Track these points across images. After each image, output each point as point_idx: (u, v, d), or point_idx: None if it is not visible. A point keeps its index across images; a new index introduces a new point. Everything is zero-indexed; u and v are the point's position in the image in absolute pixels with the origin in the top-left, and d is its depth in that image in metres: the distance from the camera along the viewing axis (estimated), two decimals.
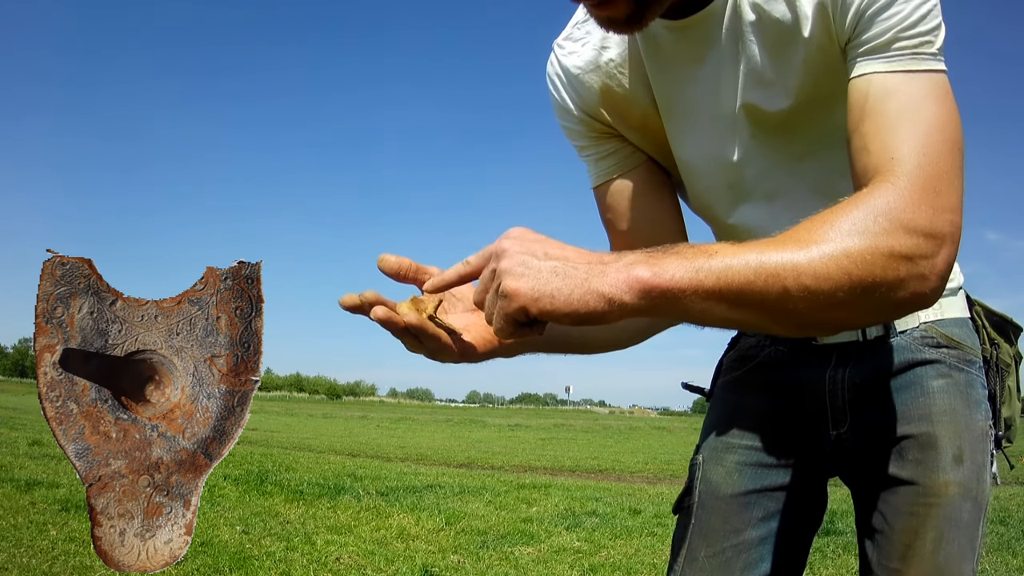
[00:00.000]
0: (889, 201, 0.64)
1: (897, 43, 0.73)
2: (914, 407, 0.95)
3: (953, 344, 0.97)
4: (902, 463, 0.95)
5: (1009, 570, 4.16)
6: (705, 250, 0.63)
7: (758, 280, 0.61)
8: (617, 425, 36.00)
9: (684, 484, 1.09)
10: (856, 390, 0.98)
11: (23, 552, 3.35)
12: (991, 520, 5.52)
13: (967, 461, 0.93)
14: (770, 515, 1.03)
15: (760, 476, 1.03)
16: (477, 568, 3.91)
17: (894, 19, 0.73)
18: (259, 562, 3.59)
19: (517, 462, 11.75)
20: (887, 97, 0.72)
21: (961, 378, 0.96)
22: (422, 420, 34.02)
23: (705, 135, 0.89)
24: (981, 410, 0.97)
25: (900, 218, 0.64)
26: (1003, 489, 8.21)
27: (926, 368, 0.96)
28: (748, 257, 0.62)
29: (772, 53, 0.82)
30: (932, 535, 0.92)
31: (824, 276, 0.62)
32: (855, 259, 0.62)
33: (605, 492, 7.29)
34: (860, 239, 0.62)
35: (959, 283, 1.00)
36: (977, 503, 0.93)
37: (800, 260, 0.62)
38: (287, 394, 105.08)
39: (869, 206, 0.64)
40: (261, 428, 18.01)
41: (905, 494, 0.94)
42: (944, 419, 0.94)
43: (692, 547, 1.04)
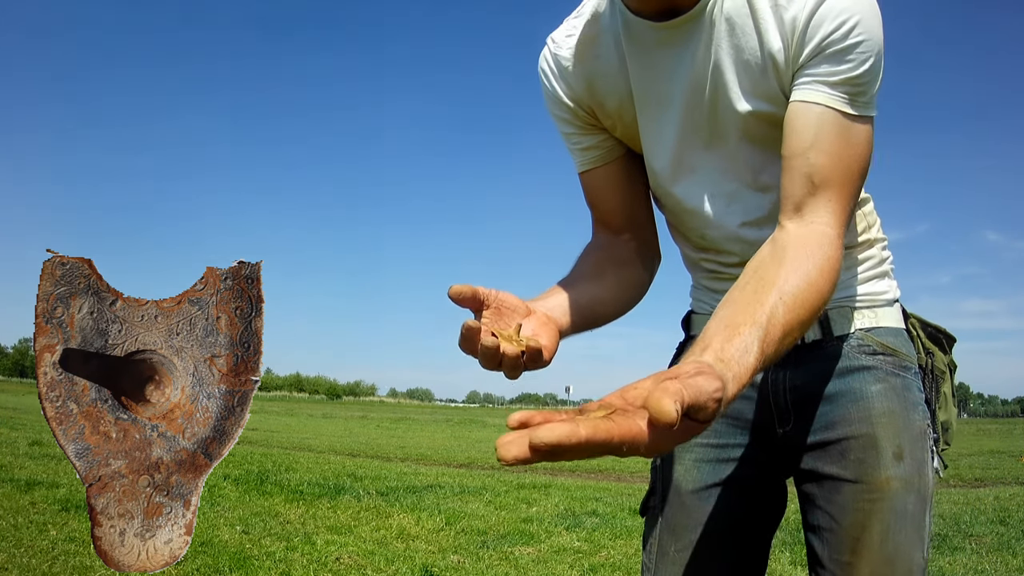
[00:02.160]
0: (831, 245, 0.84)
1: (844, 86, 0.86)
2: (854, 410, 1.02)
3: (889, 351, 1.04)
4: (845, 463, 1.02)
5: (1009, 570, 4.15)
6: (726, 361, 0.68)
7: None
8: None
9: (648, 486, 1.16)
10: (796, 391, 1.05)
11: (23, 552, 3.35)
12: (991, 520, 5.53)
13: (907, 457, 1.00)
14: (730, 507, 1.09)
15: (717, 471, 1.10)
16: (477, 568, 3.91)
17: (845, 64, 0.85)
18: (259, 562, 3.59)
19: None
20: (829, 131, 0.86)
21: (898, 383, 1.03)
22: (422, 420, 34.03)
23: (672, 125, 0.99)
24: (919, 411, 1.04)
25: (839, 256, 0.84)
26: (1003, 489, 8.21)
27: (864, 374, 1.03)
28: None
29: (737, 62, 0.92)
30: (879, 527, 0.99)
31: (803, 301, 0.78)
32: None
33: (605, 492, 7.29)
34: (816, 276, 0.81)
35: (895, 296, 1.08)
36: (920, 495, 1.00)
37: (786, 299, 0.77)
38: (287, 394, 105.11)
39: (819, 251, 0.83)
40: (261, 428, 18.01)
41: (850, 492, 1.01)
42: (883, 420, 1.01)
43: (662, 543, 1.12)
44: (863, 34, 0.85)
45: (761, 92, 0.92)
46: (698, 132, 0.98)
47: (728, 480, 1.10)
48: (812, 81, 0.87)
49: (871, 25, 0.85)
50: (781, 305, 0.74)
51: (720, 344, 0.66)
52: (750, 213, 1.01)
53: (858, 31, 0.85)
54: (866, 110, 0.88)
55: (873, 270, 1.07)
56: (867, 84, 0.86)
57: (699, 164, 1.01)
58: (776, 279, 0.77)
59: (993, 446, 17.73)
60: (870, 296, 1.06)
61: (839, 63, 0.86)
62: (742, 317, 0.71)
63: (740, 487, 1.10)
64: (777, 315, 0.72)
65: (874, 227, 1.07)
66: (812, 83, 0.87)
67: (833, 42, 0.85)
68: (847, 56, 0.85)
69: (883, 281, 1.08)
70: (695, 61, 0.94)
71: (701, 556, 1.08)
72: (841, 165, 0.87)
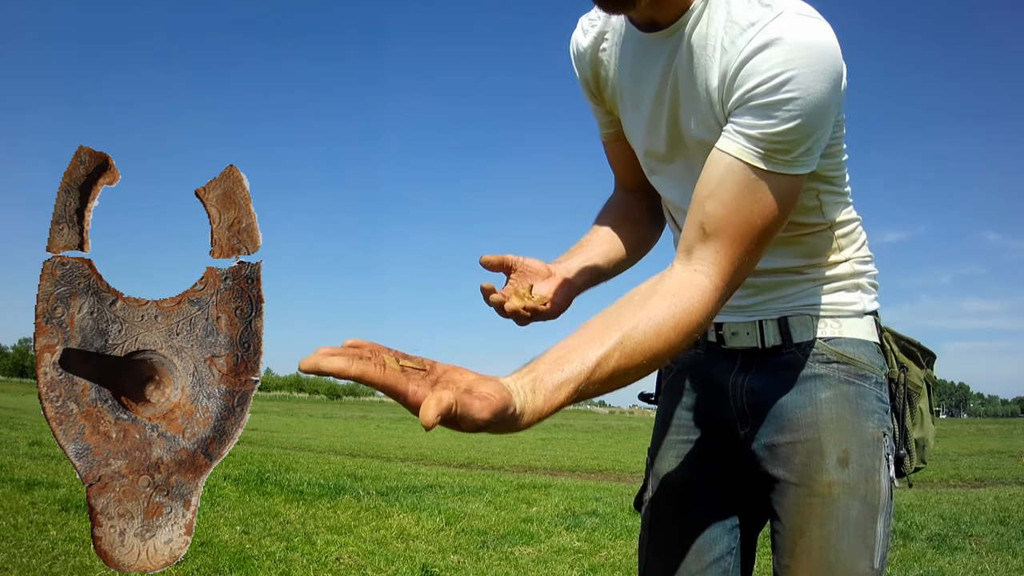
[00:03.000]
0: (701, 299, 0.85)
1: (761, 141, 0.85)
2: (803, 416, 1.05)
3: (845, 360, 1.06)
4: (790, 466, 1.04)
5: (1009, 570, 4.16)
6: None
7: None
8: (617, 425, 36.01)
9: (641, 483, 1.23)
10: (753, 395, 1.09)
11: (23, 552, 3.35)
12: (991, 520, 5.53)
13: (853, 464, 1.02)
14: (714, 501, 1.14)
15: (699, 466, 1.15)
16: (477, 568, 3.91)
17: (767, 120, 0.84)
18: (259, 562, 3.59)
19: (517, 462, 11.76)
20: (732, 184, 0.86)
21: (850, 390, 1.05)
22: None
23: (641, 128, 1.06)
24: (873, 419, 1.05)
25: (707, 311, 0.85)
26: (1003, 489, 8.21)
27: (815, 382, 1.06)
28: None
29: (691, 88, 0.95)
30: (818, 532, 1.00)
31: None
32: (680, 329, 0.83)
33: (605, 492, 7.30)
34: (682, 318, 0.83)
35: (865, 308, 1.10)
36: (867, 503, 1.01)
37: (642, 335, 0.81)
38: (287, 394, 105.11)
39: (686, 303, 0.84)
40: (261, 428, 18.01)
41: (792, 495, 1.04)
42: (831, 426, 1.03)
43: (653, 537, 1.17)
44: (795, 91, 0.82)
45: (705, 121, 0.94)
46: (659, 141, 1.03)
47: (707, 477, 1.15)
48: (732, 130, 0.86)
49: (808, 83, 0.82)
50: (618, 350, 0.77)
51: (542, 373, 0.72)
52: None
53: (789, 88, 0.82)
54: (785, 168, 0.85)
55: (842, 282, 1.08)
56: (790, 143, 0.84)
57: (661, 168, 1.07)
58: (628, 322, 0.79)
59: (993, 446, 17.73)
60: (834, 306, 1.08)
61: (761, 117, 0.84)
62: (575, 353, 0.75)
63: (718, 484, 1.14)
64: (610, 359, 0.76)
65: (849, 248, 1.08)
66: (731, 132, 0.86)
67: (757, 95, 0.83)
68: (772, 112, 0.83)
69: (853, 293, 1.09)
70: (662, 76, 0.98)
71: (688, 548, 1.13)
72: (738, 219, 0.86)
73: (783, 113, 0.83)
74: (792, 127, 0.83)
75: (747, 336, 1.09)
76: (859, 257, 1.10)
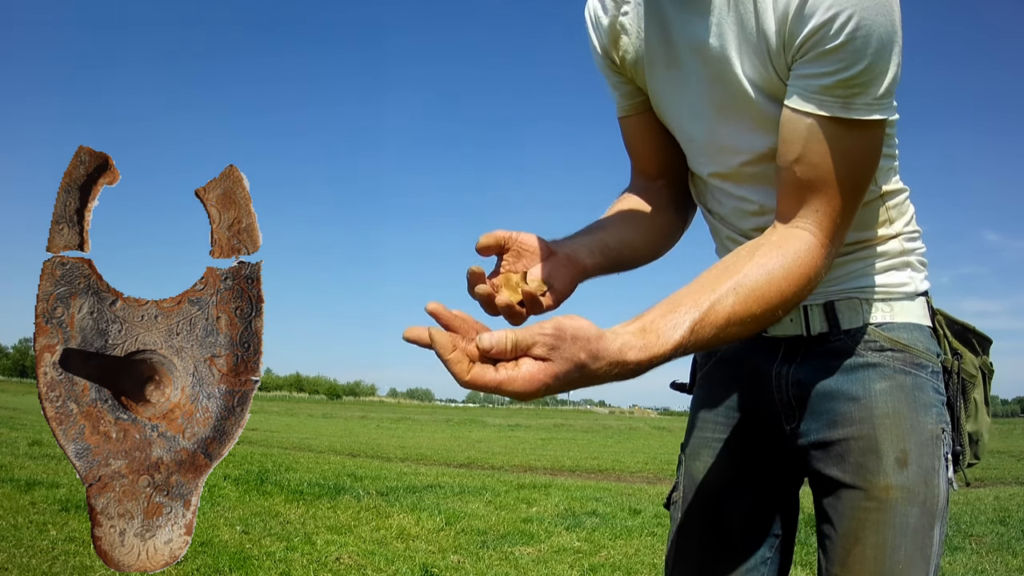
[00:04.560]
0: (808, 251, 0.84)
1: (837, 88, 0.81)
2: (856, 409, 0.96)
3: (899, 347, 0.97)
4: (844, 466, 0.96)
5: (1009, 570, 4.15)
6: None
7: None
8: (617, 425, 36.01)
9: (674, 480, 1.14)
10: (800, 387, 1.00)
11: (23, 552, 3.35)
12: (991, 520, 5.52)
13: (912, 464, 0.93)
14: (750, 505, 1.06)
15: (736, 466, 1.07)
16: (477, 568, 3.91)
17: (837, 64, 0.80)
18: (259, 562, 3.59)
19: (517, 462, 11.75)
20: (819, 143, 0.83)
21: (907, 381, 0.96)
22: (422, 420, 34.03)
23: (677, 84, 0.99)
24: (932, 413, 0.96)
25: (816, 264, 0.84)
26: (1003, 489, 8.20)
27: (868, 372, 0.97)
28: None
29: (739, 36, 0.89)
30: (873, 540, 0.92)
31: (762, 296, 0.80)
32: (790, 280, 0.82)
33: (605, 492, 7.29)
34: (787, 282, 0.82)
35: (915, 288, 1.01)
36: (926, 508, 0.93)
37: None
38: (287, 394, 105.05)
39: (792, 253, 0.83)
40: (261, 428, 18.01)
41: (848, 498, 0.95)
42: (886, 422, 0.94)
43: (682, 539, 1.08)
44: (859, 29, 0.78)
45: (759, 67, 0.89)
46: (702, 96, 0.95)
47: (744, 477, 1.06)
48: (804, 84, 0.83)
49: (870, 18, 0.78)
50: (732, 294, 0.75)
51: (653, 316, 0.71)
52: (757, 180, 0.97)
53: (852, 26, 0.78)
54: (867, 112, 0.82)
55: (891, 260, 1.00)
56: (865, 84, 0.80)
57: (703, 127, 0.98)
58: (738, 271, 0.78)
59: (993, 446, 17.69)
60: (885, 288, 0.99)
61: (830, 63, 0.80)
62: (687, 298, 0.74)
63: (756, 485, 1.06)
64: (724, 303, 0.75)
65: (899, 221, 1.01)
66: (804, 87, 0.83)
67: (822, 37, 0.79)
68: (839, 54, 0.79)
69: (903, 272, 1.01)
70: (702, 28, 0.91)
71: (718, 557, 1.05)
72: (831, 177, 0.83)
73: (850, 55, 0.79)
74: (863, 68, 0.79)
75: (790, 323, 1.00)
76: (908, 232, 1.01)
